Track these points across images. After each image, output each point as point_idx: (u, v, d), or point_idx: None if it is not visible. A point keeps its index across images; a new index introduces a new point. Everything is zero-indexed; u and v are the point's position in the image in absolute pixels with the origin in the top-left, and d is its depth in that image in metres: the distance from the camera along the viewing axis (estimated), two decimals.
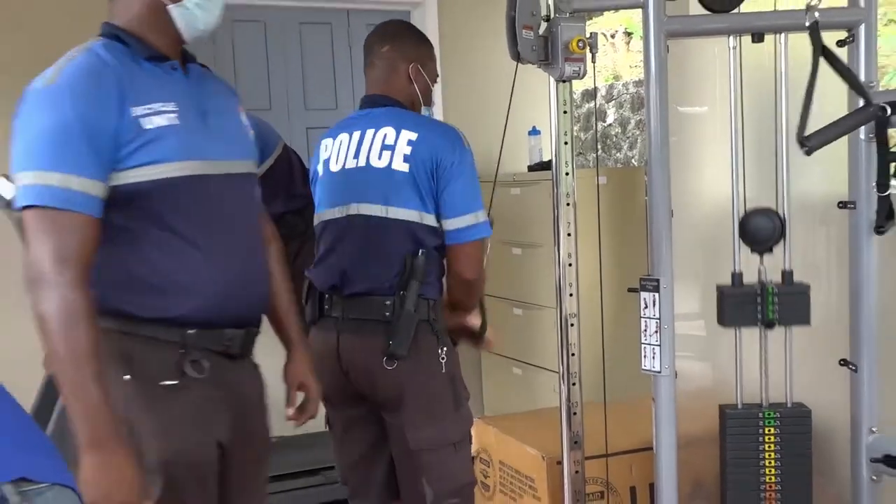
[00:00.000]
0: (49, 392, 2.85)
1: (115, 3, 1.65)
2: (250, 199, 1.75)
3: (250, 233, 1.73)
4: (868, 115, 1.85)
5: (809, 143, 1.77)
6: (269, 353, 2.27)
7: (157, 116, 1.54)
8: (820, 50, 1.60)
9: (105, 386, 1.44)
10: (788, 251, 2.10)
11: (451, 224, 2.12)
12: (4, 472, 1.07)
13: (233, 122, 1.75)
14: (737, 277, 2.11)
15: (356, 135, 2.19)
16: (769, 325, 2.09)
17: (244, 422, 1.71)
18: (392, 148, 2.12)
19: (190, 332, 1.59)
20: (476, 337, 2.34)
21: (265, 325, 1.81)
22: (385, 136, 2.13)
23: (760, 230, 2.08)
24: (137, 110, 1.53)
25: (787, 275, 2.10)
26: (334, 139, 2.25)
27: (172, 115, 1.56)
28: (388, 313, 2.10)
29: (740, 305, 2.09)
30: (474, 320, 2.27)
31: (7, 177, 2.66)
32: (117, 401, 1.48)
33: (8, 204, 2.60)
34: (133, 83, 1.54)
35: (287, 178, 3.18)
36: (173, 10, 1.61)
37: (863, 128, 2.00)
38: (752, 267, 2.11)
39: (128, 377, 1.54)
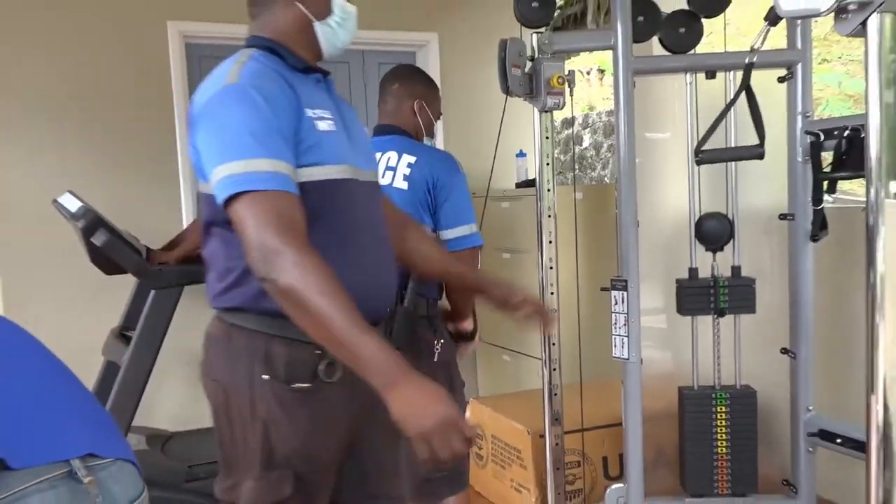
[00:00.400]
0: (108, 376, 2.86)
1: (262, 17, 1.49)
2: (380, 206, 1.56)
3: (384, 237, 1.54)
4: (752, 153, 1.88)
5: (700, 157, 1.84)
6: None
7: (322, 122, 1.39)
8: (745, 85, 1.58)
9: (372, 339, 1.19)
10: (737, 249, 2.10)
11: (448, 234, 2.12)
12: (74, 449, 1.05)
13: (363, 134, 1.60)
14: (693, 272, 2.12)
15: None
16: (720, 313, 2.08)
17: (372, 412, 1.43)
18: (394, 169, 2.12)
19: None
20: (469, 339, 2.33)
21: None
22: (389, 158, 2.13)
23: (713, 231, 2.08)
24: (310, 112, 1.38)
25: (735, 270, 2.10)
26: None
27: (331, 122, 1.41)
28: (388, 309, 2.10)
29: (696, 296, 2.09)
30: (468, 326, 2.25)
31: (73, 193, 2.67)
32: (254, 399, 1.34)
33: (73, 216, 2.61)
34: (300, 88, 1.39)
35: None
36: (318, 27, 1.48)
37: (800, 150, 2.00)
38: (706, 263, 2.12)
39: (266, 377, 1.36)
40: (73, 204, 2.57)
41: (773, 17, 1.32)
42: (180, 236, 3.12)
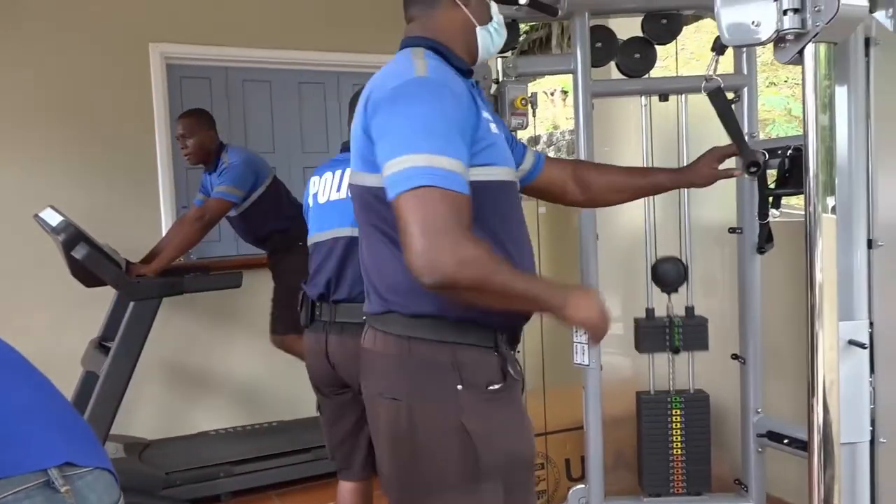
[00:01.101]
0: (87, 386, 2.81)
1: (422, 19, 1.41)
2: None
3: (528, 235, 1.45)
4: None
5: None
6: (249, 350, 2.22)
7: (492, 124, 1.33)
8: (722, 106, 1.59)
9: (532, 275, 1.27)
10: (690, 291, 2.13)
11: None
12: (51, 458, 1.02)
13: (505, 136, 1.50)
14: (650, 312, 2.15)
15: (338, 173, 2.19)
16: (675, 350, 2.12)
17: None
18: None
19: (500, 334, 1.33)
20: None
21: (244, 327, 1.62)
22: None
23: (668, 274, 2.12)
24: (485, 114, 1.32)
25: (689, 310, 2.14)
26: (320, 177, 2.25)
27: (495, 125, 1.35)
28: (365, 317, 2.10)
29: (653, 335, 2.12)
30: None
31: (54, 208, 2.63)
32: (451, 410, 1.26)
33: (54, 230, 2.57)
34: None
35: (276, 203, 3.18)
36: (480, 31, 1.42)
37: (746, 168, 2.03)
38: (662, 303, 2.15)
39: (460, 387, 1.27)
40: (54, 218, 2.54)
41: (719, 47, 1.35)
42: (157, 247, 3.09)
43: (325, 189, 2.24)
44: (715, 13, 1.11)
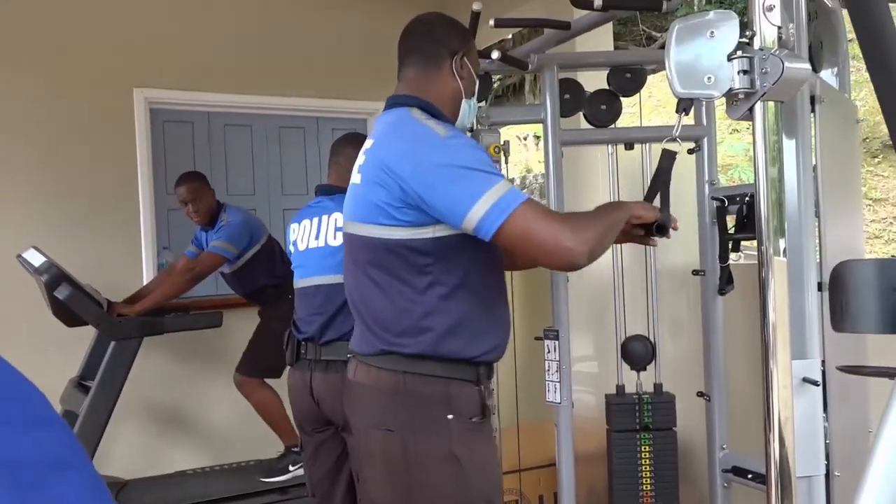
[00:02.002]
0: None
1: (424, 79, 1.50)
2: None
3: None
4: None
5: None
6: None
7: None
8: (667, 167, 1.62)
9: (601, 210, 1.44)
10: (659, 368, 2.18)
11: None
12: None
13: None
14: (620, 389, 2.18)
15: (315, 220, 2.24)
16: (645, 428, 2.15)
17: None
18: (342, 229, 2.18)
19: (481, 369, 1.43)
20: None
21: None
22: (336, 219, 2.17)
23: (637, 352, 2.17)
24: None
25: (657, 387, 2.17)
26: (299, 224, 2.29)
27: None
28: (349, 355, 2.12)
29: (623, 413, 2.14)
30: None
31: (37, 248, 2.63)
32: (442, 440, 1.35)
33: (37, 270, 2.56)
34: None
35: (269, 262, 3.21)
36: (464, 103, 1.54)
37: (708, 212, 2.11)
38: (631, 380, 2.17)
39: (451, 416, 1.37)
40: (36, 259, 2.54)
41: (685, 107, 1.43)
42: (143, 291, 3.09)
43: (304, 236, 2.29)
44: (667, 65, 1.17)
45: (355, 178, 1.47)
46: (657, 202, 1.60)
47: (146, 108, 3.56)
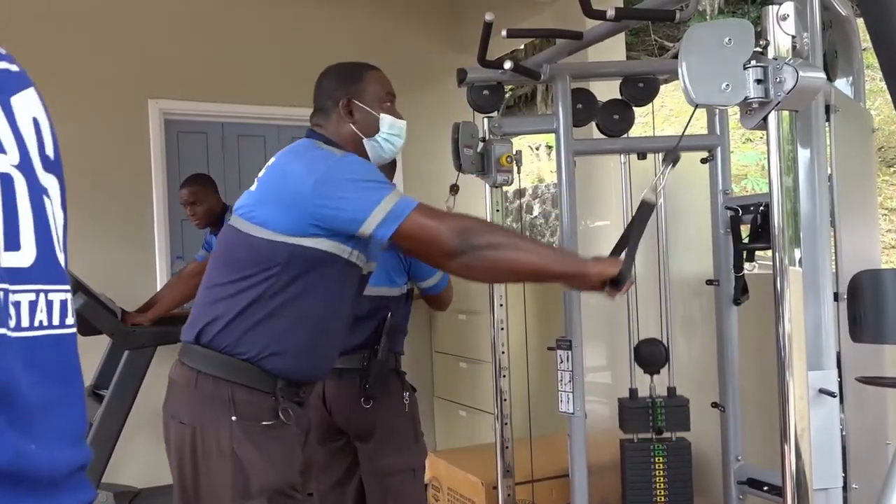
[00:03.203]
0: None
1: (325, 120, 1.65)
2: None
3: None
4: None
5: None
6: None
7: None
8: (642, 218, 1.58)
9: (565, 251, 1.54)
10: (672, 371, 2.16)
11: (428, 283, 2.29)
12: None
13: None
14: (633, 392, 2.17)
15: None
16: (658, 431, 2.13)
17: (306, 451, 1.66)
18: None
19: (279, 381, 1.51)
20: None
21: None
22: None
23: (650, 356, 2.15)
24: None
25: (671, 390, 2.16)
26: None
27: None
28: (365, 363, 2.13)
29: (636, 416, 2.13)
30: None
31: None
32: (226, 437, 1.44)
33: None
34: None
35: None
36: (366, 142, 1.65)
37: (721, 222, 2.09)
38: (645, 383, 2.15)
39: (234, 418, 1.46)
40: None
41: (673, 159, 1.47)
42: (154, 298, 3.11)
43: None
44: (680, 73, 1.17)
45: (252, 186, 1.59)
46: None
47: (161, 118, 3.59)
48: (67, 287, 0.61)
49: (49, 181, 0.60)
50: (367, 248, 1.58)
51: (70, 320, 0.60)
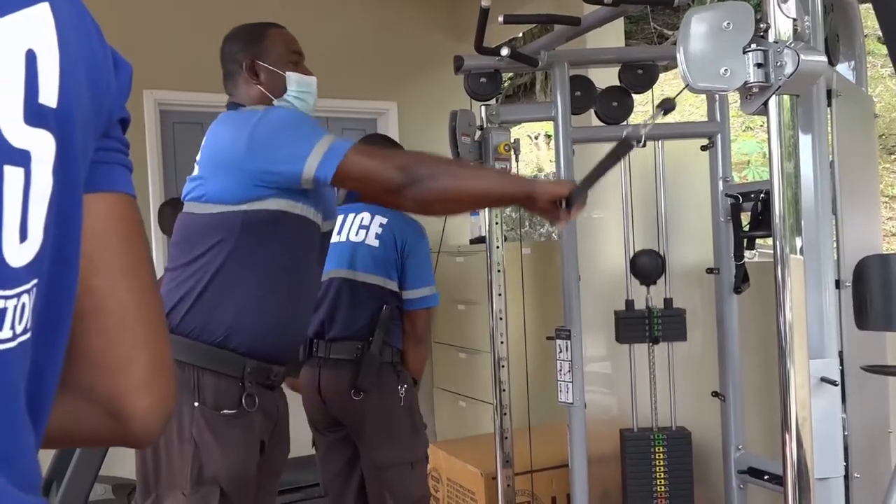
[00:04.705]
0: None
1: (234, 86, 1.66)
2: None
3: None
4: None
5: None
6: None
7: None
8: (619, 153, 1.55)
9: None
10: (669, 283, 2.14)
11: (410, 294, 2.20)
12: None
13: None
14: (629, 303, 2.15)
15: (340, 217, 2.26)
16: (655, 340, 2.11)
17: (275, 438, 1.65)
18: (367, 227, 2.19)
19: (248, 367, 1.51)
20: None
21: None
22: (363, 217, 2.21)
23: (646, 266, 2.13)
24: None
25: (668, 301, 2.14)
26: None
27: None
28: (357, 354, 2.13)
29: (632, 326, 2.12)
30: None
31: None
32: (186, 423, 1.45)
33: None
34: None
35: None
36: (277, 103, 1.63)
37: (722, 210, 2.08)
38: (641, 297, 2.14)
39: (196, 404, 1.47)
40: None
41: (668, 108, 1.41)
42: None
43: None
44: (679, 57, 1.15)
45: (194, 171, 1.58)
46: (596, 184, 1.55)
47: (156, 109, 3.57)
48: (13, 291, 0.46)
49: (34, 140, 0.46)
50: (320, 202, 1.57)
51: (5, 333, 0.45)
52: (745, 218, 1.97)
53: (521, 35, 5.44)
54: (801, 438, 1.21)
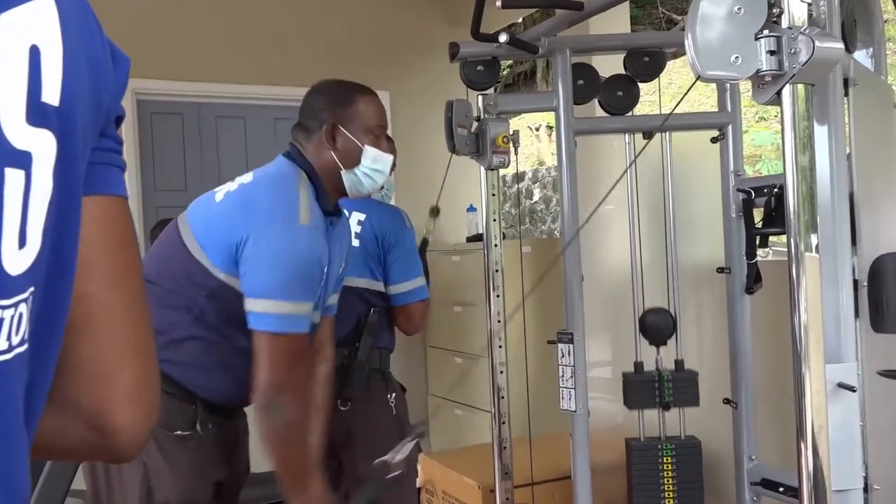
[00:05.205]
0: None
1: (307, 140, 1.65)
2: None
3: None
4: None
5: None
6: None
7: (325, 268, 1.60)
8: None
9: (320, 481, 1.52)
10: (680, 343, 2.15)
11: (399, 288, 2.17)
12: None
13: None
14: (638, 366, 2.16)
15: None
16: (666, 406, 2.12)
17: (233, 462, 1.70)
18: None
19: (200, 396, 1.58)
20: None
21: None
22: (357, 219, 2.19)
23: (656, 326, 2.14)
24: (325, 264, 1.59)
25: (679, 363, 2.15)
26: None
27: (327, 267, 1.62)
28: (343, 362, 2.12)
29: (642, 390, 2.12)
30: None
31: None
32: None
33: None
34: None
35: None
36: (344, 174, 1.64)
37: (733, 205, 2.08)
38: (651, 356, 2.15)
39: None
40: None
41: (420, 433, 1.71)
42: None
43: None
44: (687, 43, 1.15)
45: (218, 195, 1.59)
46: None
47: (133, 99, 3.56)
48: (10, 301, 0.45)
49: (36, 140, 0.46)
50: (321, 292, 1.62)
51: (1, 344, 0.45)
52: (758, 214, 1.98)
53: (520, 20, 5.45)
54: (818, 447, 1.21)
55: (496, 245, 2.24)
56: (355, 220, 2.16)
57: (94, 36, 0.54)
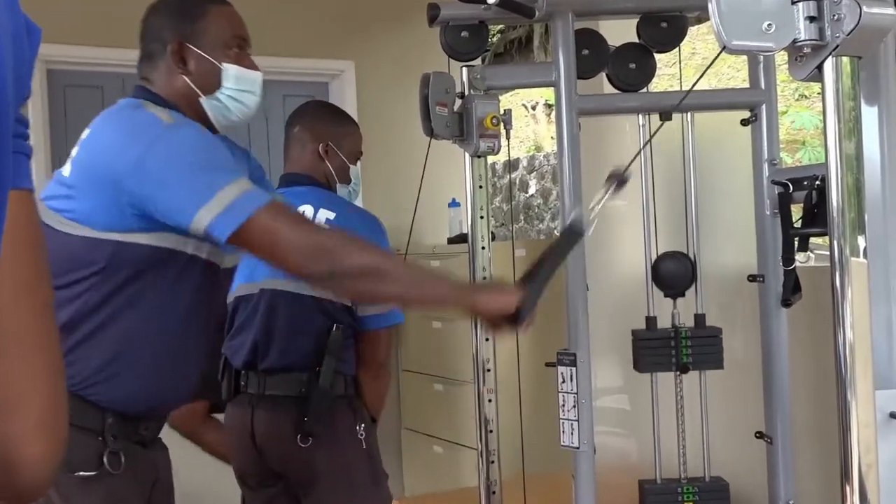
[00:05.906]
0: None
1: (153, 70, 1.65)
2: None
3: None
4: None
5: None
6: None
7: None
8: (567, 244, 1.72)
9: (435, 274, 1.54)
10: (701, 294, 2.15)
11: (365, 309, 2.18)
12: None
13: None
14: (651, 321, 2.16)
15: None
16: (683, 368, 2.12)
17: (157, 500, 1.67)
18: None
19: (108, 418, 1.53)
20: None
21: None
22: (303, 212, 2.18)
23: (672, 273, 2.14)
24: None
25: (699, 318, 2.15)
26: None
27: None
28: (303, 389, 2.12)
29: (654, 350, 2.13)
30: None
31: None
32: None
33: None
34: None
35: None
36: (204, 101, 1.63)
37: (767, 202, 2.10)
38: (666, 312, 2.16)
39: None
40: None
41: (621, 179, 1.61)
42: None
43: None
44: (711, 7, 1.17)
45: (65, 169, 1.58)
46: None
47: (42, 69, 3.53)
48: None
49: None
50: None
51: None
52: (797, 211, 2.00)
53: None
54: (865, 489, 1.24)
55: (484, 247, 2.25)
56: (322, 217, 2.17)
57: (14, 10, 0.56)
